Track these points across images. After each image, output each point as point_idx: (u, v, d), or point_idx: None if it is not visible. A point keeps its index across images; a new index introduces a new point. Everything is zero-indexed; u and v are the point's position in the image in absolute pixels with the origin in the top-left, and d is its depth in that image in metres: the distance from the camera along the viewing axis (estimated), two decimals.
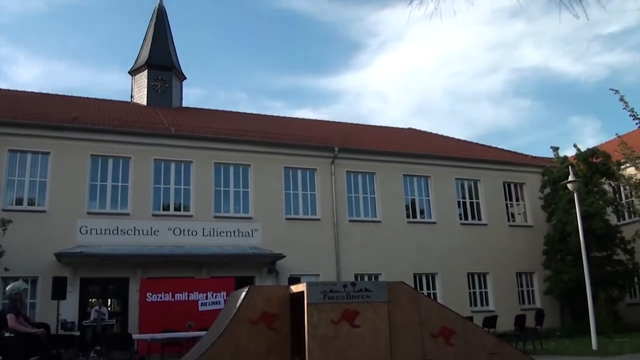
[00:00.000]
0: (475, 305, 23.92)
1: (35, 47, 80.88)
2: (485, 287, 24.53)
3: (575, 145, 24.83)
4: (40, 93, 25.77)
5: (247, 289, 7.42)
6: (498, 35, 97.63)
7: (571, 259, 22.96)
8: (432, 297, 22.26)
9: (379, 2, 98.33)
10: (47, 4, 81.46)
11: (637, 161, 20.31)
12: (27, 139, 19.54)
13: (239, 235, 21.17)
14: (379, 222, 23.47)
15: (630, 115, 18.45)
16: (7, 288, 7.87)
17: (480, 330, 8.27)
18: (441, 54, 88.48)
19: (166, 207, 20.99)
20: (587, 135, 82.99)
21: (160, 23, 28.58)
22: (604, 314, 18.63)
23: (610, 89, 20.39)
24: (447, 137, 30.67)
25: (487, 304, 24.19)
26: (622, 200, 26.09)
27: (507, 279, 24.76)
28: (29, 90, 26.09)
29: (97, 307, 17.62)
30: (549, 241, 24.37)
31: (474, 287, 24.40)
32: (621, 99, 19.87)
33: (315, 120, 31.09)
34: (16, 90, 25.56)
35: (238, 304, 7.28)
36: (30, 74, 79.51)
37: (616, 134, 23.46)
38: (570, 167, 18.22)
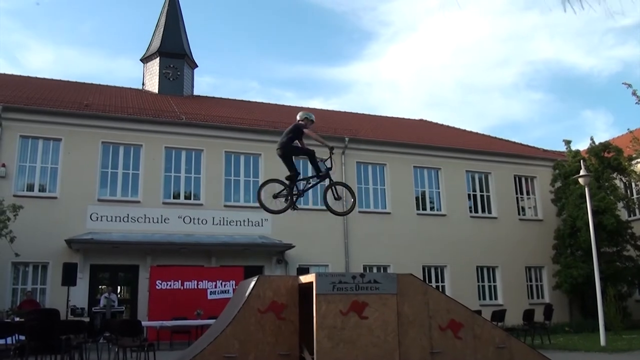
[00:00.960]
0: (484, 298, 23.89)
1: (47, 33, 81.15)
2: (494, 281, 24.48)
3: (591, 138, 24.63)
4: (51, 80, 25.87)
5: (256, 279, 7.44)
6: (511, 27, 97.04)
7: (581, 254, 22.88)
8: (440, 289, 22.23)
9: None
10: None
11: None
12: (39, 125, 19.64)
13: (248, 225, 21.21)
14: (389, 213, 23.44)
15: None
16: (300, 113, 9.46)
17: (489, 324, 8.26)
18: (454, 44, 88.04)
19: (176, 196, 21.07)
20: (599, 129, 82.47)
21: (173, 11, 28.58)
22: (613, 310, 18.54)
23: (623, 83, 20.31)
24: (458, 129, 30.55)
25: (496, 298, 24.15)
26: (633, 195, 25.94)
27: (516, 273, 24.69)
28: (41, 76, 26.14)
29: (106, 294, 17.78)
30: (559, 236, 24.26)
31: (482, 281, 24.37)
32: (633, 93, 19.78)
33: (326, 110, 31.02)
34: (28, 77, 25.68)
35: (247, 293, 7.30)
36: (42, 60, 79.79)
37: (628, 129, 23.33)
38: (581, 161, 18.11)
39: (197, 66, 28.64)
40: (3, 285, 18.07)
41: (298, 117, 9.36)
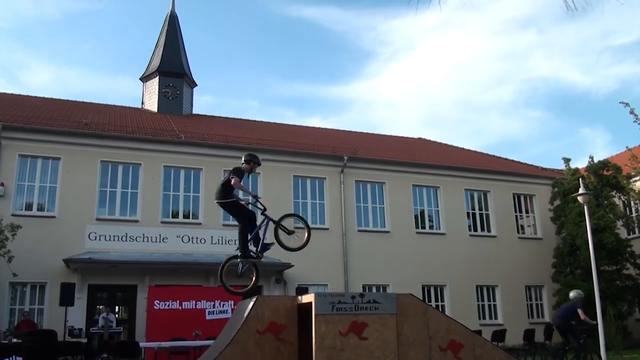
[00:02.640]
0: (484, 318, 23.78)
1: (47, 53, 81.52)
2: (494, 300, 24.37)
3: (590, 157, 24.59)
4: (51, 99, 25.89)
5: (255, 299, 7.39)
6: (508, 46, 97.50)
7: (580, 272, 22.79)
8: (440, 309, 22.12)
9: (391, 12, 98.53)
10: (60, 10, 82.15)
11: None
12: (38, 145, 19.64)
13: None
14: (388, 232, 23.40)
15: None
16: (572, 293, 11.36)
17: (489, 344, 8.19)
18: (452, 63, 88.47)
19: (175, 214, 21.02)
20: (598, 147, 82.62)
21: (172, 30, 28.71)
22: (614, 330, 18.43)
23: (620, 102, 20.38)
24: (457, 148, 30.59)
25: (496, 317, 24.04)
26: (632, 213, 25.90)
27: (516, 292, 24.60)
28: (41, 95, 26.19)
29: (104, 314, 17.62)
30: (558, 254, 24.19)
31: (482, 300, 24.25)
32: (631, 112, 19.84)
33: (325, 128, 31.09)
34: (27, 96, 25.73)
35: (246, 314, 7.24)
36: (42, 79, 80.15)
37: (626, 146, 23.34)
38: (580, 179, 18.09)
39: (196, 85, 28.72)
40: (1, 306, 17.95)
41: (574, 297, 13.06)
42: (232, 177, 8.86)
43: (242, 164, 9.23)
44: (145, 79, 27.74)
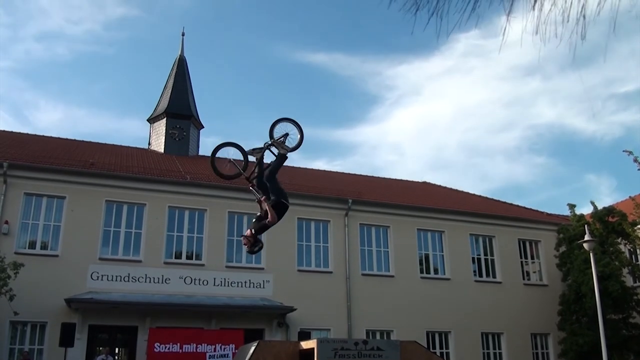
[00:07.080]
0: None
1: (57, 93, 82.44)
2: (500, 348, 23.99)
3: (592, 203, 24.50)
4: (58, 138, 26.10)
5: (256, 344, 7.31)
6: (513, 93, 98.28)
7: (587, 320, 22.48)
8: (445, 357, 21.84)
9: (397, 58, 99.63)
10: (71, 52, 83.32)
11: None
12: (44, 183, 19.72)
13: (250, 286, 21.01)
14: (392, 276, 23.21)
15: None
16: None
17: None
18: (457, 108, 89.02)
19: (178, 255, 20.93)
20: (603, 193, 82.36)
21: (180, 73, 29.10)
22: None
23: (623, 151, 20.42)
24: (462, 192, 30.55)
25: None
26: (638, 261, 25.67)
27: (522, 339, 24.24)
28: (48, 135, 26.42)
29: (103, 356, 17.39)
30: (564, 301, 23.88)
31: (487, 348, 23.89)
32: (635, 160, 19.87)
33: (330, 171, 31.14)
34: (35, 135, 25.94)
35: (246, 359, 7.16)
36: (51, 119, 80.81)
37: (630, 195, 23.27)
38: (586, 225, 18.01)
39: (203, 127, 28.95)
40: (0, 346, 17.77)
41: None
42: None
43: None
44: (152, 120, 27.99)
